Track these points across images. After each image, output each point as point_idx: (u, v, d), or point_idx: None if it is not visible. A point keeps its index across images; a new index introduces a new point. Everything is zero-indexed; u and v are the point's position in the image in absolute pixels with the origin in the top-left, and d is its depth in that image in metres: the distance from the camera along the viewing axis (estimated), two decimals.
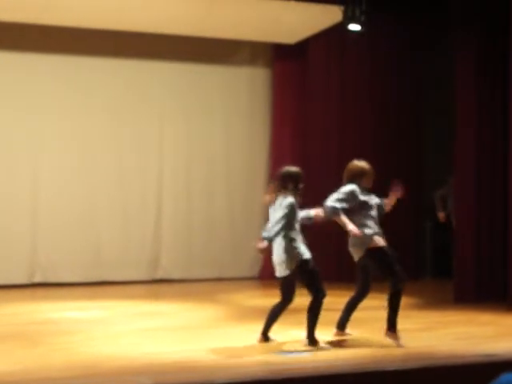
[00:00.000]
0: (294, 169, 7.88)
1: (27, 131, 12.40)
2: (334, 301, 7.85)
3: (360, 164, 7.99)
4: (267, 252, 7.28)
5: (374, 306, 10.18)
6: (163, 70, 13.16)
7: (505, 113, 10.29)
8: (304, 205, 13.19)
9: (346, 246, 8.45)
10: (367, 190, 7.95)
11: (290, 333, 7.91)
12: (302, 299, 7.64)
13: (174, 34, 12.60)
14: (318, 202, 11.93)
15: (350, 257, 13.18)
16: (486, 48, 10.55)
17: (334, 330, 7.83)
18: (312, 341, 7.31)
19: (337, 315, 7.96)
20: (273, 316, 7.45)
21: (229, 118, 13.57)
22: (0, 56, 12.24)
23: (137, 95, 13.01)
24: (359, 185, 7.83)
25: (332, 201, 7.65)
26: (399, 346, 7.41)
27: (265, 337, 7.45)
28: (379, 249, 7.75)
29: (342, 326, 7.87)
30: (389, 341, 7.48)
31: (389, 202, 8.21)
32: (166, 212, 13.15)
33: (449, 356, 6.97)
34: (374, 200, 7.99)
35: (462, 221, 10.73)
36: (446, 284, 11.34)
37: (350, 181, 7.86)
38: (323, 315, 7.52)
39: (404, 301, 10.70)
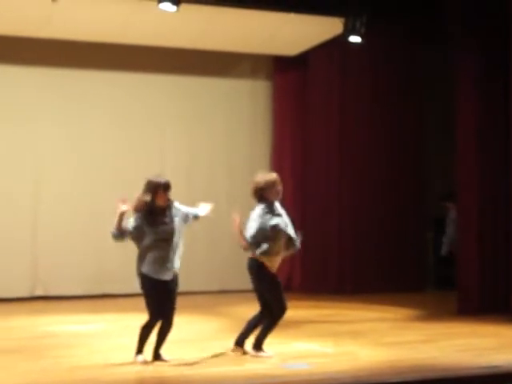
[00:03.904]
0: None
1: (29, 145, 12.41)
2: (336, 313, 7.82)
3: None
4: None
5: (373, 318, 10.19)
6: (164, 82, 13.17)
7: (507, 123, 10.31)
8: (311, 214, 13.14)
9: (347, 259, 8.47)
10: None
11: (291, 345, 7.90)
12: (304, 312, 7.65)
13: (176, 47, 12.63)
14: (323, 211, 11.94)
15: (350, 268, 13.22)
16: (487, 56, 10.55)
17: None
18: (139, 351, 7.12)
19: (336, 327, 7.93)
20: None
21: (230, 130, 13.58)
22: (4, 69, 12.32)
23: (139, 108, 13.02)
24: None
25: None
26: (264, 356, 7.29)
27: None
28: None
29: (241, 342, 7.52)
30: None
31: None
32: None
33: (451, 368, 6.93)
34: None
35: (466, 233, 10.70)
36: (449, 295, 11.32)
37: None
38: (320, 327, 7.50)
39: (406, 312, 10.74)
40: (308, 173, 13.47)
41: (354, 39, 11.08)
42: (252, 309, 8.06)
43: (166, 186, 7.28)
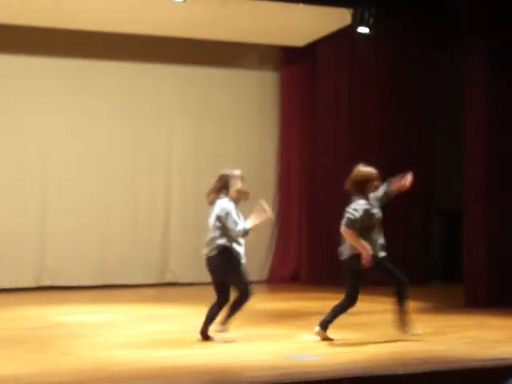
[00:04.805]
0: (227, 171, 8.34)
1: (36, 135, 12.41)
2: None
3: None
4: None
5: (380, 310, 10.16)
6: (172, 73, 13.15)
7: None
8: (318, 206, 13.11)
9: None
10: None
11: (299, 337, 7.89)
12: (311, 304, 7.65)
13: (183, 37, 12.60)
14: (330, 203, 11.85)
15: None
16: (495, 56, 10.50)
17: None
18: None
19: (343, 319, 7.95)
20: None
21: (237, 120, 13.54)
22: (12, 59, 12.31)
23: (146, 98, 13.00)
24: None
25: None
26: None
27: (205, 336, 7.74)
28: None
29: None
30: None
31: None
32: (175, 215, 13.13)
33: (458, 360, 6.92)
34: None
35: (473, 226, 10.68)
36: (456, 288, 11.29)
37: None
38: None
39: (414, 305, 10.69)
40: (316, 165, 13.42)
41: (363, 30, 11.05)
42: (258, 299, 8.07)
43: None
